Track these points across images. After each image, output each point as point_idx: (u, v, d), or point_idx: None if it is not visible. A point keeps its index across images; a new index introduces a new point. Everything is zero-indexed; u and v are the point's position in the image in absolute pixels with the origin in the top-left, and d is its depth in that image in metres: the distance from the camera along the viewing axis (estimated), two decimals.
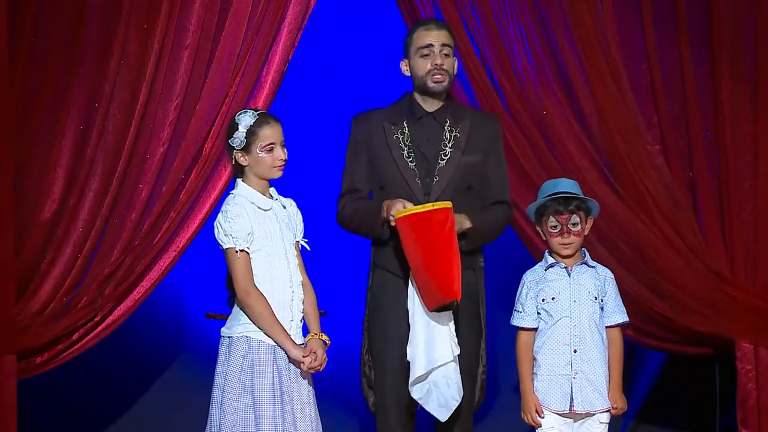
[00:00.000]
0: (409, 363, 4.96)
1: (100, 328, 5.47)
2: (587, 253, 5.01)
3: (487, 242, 5.19)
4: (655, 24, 5.72)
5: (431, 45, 5.04)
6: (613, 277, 5.01)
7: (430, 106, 5.12)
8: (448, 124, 5.10)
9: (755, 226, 5.67)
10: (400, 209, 4.88)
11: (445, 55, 5.06)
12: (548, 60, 5.70)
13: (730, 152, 5.67)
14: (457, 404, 4.93)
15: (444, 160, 5.07)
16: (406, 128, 5.09)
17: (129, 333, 5.98)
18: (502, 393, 6.36)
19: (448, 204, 4.84)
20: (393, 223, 4.91)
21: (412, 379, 4.94)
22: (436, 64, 5.04)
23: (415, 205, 4.89)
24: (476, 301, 5.13)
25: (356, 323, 5.27)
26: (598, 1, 5.68)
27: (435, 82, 5.05)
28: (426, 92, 5.09)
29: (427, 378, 4.93)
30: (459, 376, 4.94)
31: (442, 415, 4.94)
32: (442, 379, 4.93)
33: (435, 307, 4.87)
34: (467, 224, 4.98)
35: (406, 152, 5.06)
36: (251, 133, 4.71)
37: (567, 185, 4.98)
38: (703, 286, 5.62)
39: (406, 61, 5.12)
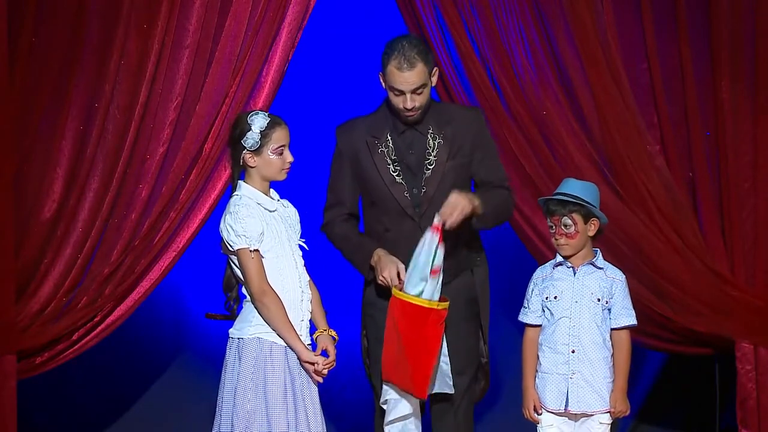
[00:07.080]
0: None
1: (100, 328, 5.47)
2: (600, 254, 4.98)
3: (493, 225, 5.11)
4: (655, 24, 5.72)
5: (402, 91, 4.95)
6: (623, 279, 4.96)
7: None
8: (431, 131, 5.07)
9: (755, 226, 5.67)
10: (393, 274, 4.84)
11: (418, 94, 4.96)
12: (548, 60, 5.70)
13: (730, 152, 5.67)
14: None
15: (429, 169, 5.04)
16: (390, 141, 5.07)
17: (129, 333, 5.98)
18: (504, 390, 6.36)
19: (446, 305, 4.80)
20: (384, 285, 4.89)
21: (392, 417, 4.86)
22: (406, 107, 4.96)
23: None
24: (473, 301, 5.12)
25: (355, 323, 5.27)
26: (598, 1, 5.68)
27: (407, 117, 5.00)
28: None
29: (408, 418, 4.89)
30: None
31: None
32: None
33: (397, 386, 4.82)
34: (476, 203, 4.91)
35: (392, 167, 5.04)
36: (264, 135, 4.69)
37: (570, 187, 4.93)
38: (703, 286, 5.62)
39: (383, 77, 5.00)
